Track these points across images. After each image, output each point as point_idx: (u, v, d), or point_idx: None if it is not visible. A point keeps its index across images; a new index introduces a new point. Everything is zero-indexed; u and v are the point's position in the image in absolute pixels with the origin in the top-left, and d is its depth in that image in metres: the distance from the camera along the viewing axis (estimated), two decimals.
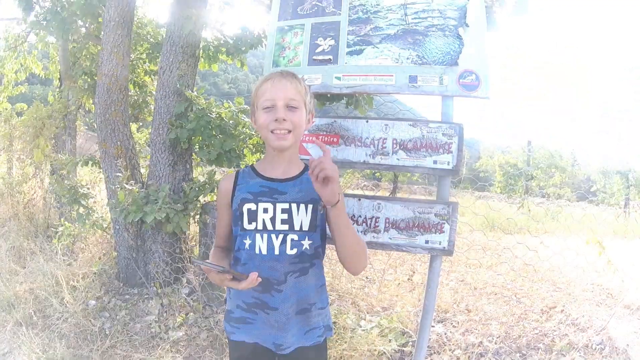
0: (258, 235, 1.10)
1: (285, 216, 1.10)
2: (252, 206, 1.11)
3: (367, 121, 1.63)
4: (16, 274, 3.10)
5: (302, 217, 1.10)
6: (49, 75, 5.56)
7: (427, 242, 1.54)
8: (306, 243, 1.10)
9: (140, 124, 4.74)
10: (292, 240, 1.09)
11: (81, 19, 3.66)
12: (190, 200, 2.91)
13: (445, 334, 2.53)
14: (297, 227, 1.10)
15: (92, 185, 4.15)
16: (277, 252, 1.09)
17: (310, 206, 1.11)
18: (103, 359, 2.26)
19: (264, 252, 1.09)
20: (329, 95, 1.93)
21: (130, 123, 3.55)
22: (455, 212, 1.55)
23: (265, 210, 1.10)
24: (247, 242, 1.11)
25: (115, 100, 2.98)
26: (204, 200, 3.06)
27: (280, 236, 1.09)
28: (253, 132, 3.03)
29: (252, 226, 1.11)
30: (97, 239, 3.50)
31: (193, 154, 3.16)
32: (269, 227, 1.10)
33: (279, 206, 1.10)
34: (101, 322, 2.57)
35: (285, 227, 1.10)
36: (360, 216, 1.61)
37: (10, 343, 2.40)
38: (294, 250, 1.09)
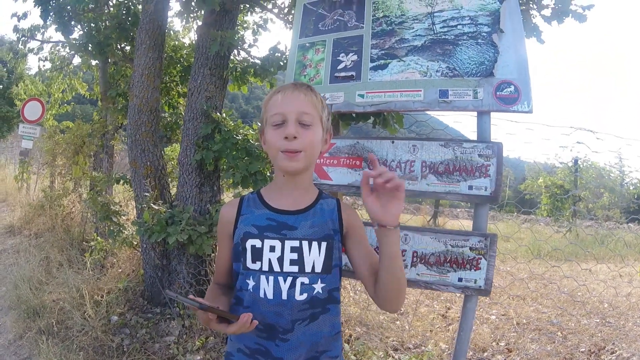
0: (263, 277, 0.95)
1: (294, 256, 0.95)
2: (257, 243, 0.96)
3: (392, 142, 1.48)
4: (46, 284, 3.16)
5: (315, 257, 0.95)
6: (94, 95, 5.88)
7: (460, 279, 1.35)
8: (318, 287, 0.96)
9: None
10: (302, 284, 0.94)
11: (116, 42, 3.81)
12: (215, 222, 2.86)
13: None
14: (308, 269, 0.95)
15: (125, 203, 4.26)
16: (284, 296, 0.94)
17: (324, 244, 0.96)
18: None
19: (270, 296, 0.94)
20: (353, 114, 1.81)
21: (164, 144, 3.61)
22: (494, 246, 1.35)
23: (272, 249, 0.95)
24: (251, 283, 0.97)
25: (145, 121, 3.03)
26: None
27: (289, 279, 0.94)
28: None
29: (257, 266, 0.96)
30: (129, 255, 3.54)
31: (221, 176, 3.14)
32: (276, 268, 0.95)
33: (288, 244, 0.95)
34: (120, 338, 2.55)
35: (295, 268, 0.94)
36: None
37: (31, 349, 2.44)
38: (304, 296, 0.94)
